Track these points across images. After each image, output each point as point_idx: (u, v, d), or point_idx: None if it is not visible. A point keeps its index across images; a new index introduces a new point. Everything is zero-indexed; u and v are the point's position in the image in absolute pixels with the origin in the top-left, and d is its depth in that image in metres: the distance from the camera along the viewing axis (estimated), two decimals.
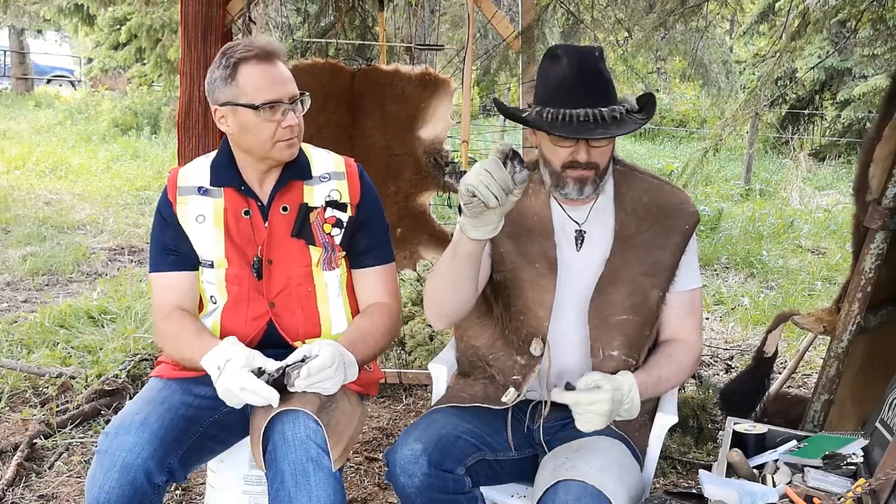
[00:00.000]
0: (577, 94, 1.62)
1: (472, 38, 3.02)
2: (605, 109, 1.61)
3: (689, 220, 1.78)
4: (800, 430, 2.08)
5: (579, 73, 1.63)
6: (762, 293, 5.19)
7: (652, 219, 1.76)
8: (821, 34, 3.69)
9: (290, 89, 1.70)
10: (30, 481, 2.50)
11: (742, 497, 1.53)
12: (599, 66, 1.65)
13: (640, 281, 1.74)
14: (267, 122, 1.68)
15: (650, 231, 1.75)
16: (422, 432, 1.63)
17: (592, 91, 1.63)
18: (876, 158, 2.31)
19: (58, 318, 3.85)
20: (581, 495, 1.48)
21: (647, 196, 1.78)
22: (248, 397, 1.60)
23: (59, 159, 8.75)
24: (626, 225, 1.76)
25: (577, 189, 1.69)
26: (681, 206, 1.78)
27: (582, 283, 1.75)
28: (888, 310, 2.45)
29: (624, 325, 1.73)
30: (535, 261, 1.76)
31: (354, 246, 1.85)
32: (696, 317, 1.83)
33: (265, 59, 1.67)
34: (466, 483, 1.63)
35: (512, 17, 5.01)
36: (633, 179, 1.80)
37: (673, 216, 1.77)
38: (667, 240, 1.75)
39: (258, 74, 1.66)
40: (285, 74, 1.71)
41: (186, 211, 1.79)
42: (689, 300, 1.81)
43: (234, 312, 1.80)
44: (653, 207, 1.77)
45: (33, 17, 13.78)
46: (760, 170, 10.05)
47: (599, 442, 1.67)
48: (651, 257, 1.74)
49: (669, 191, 1.81)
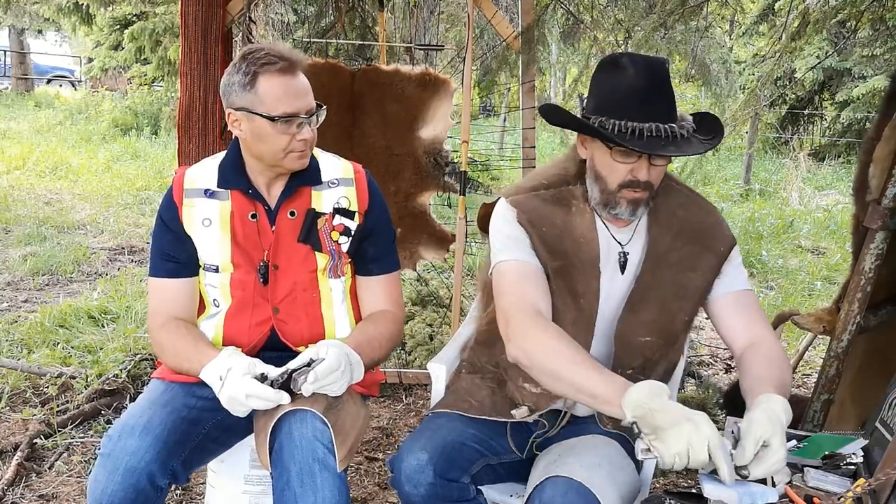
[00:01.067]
0: (648, 106, 1.51)
1: (471, 39, 3.02)
2: (675, 126, 1.52)
3: (724, 244, 1.70)
4: (800, 430, 2.08)
5: (650, 84, 1.53)
6: (762, 293, 5.19)
7: (686, 237, 1.68)
8: (820, 34, 3.69)
9: (307, 102, 1.68)
10: (30, 481, 2.50)
11: (742, 497, 1.53)
12: (669, 79, 1.55)
13: (669, 302, 1.67)
14: (282, 135, 1.66)
15: (683, 250, 1.68)
16: (427, 440, 1.60)
17: (663, 105, 1.53)
18: (875, 158, 2.31)
19: (58, 318, 3.85)
20: (567, 491, 1.46)
21: (682, 210, 1.70)
22: (254, 403, 1.59)
23: (60, 159, 8.75)
24: (659, 241, 1.68)
25: (630, 210, 1.60)
26: (715, 226, 1.71)
27: (614, 304, 1.69)
28: (888, 310, 2.46)
29: (646, 346, 1.68)
30: (580, 296, 1.66)
31: (361, 254, 1.84)
32: (764, 318, 1.71)
33: (287, 71, 1.65)
34: (471, 491, 1.62)
35: (511, 18, 5.02)
36: (669, 190, 1.71)
37: (707, 237, 1.69)
38: (699, 261, 1.68)
39: (278, 85, 1.64)
40: (305, 87, 1.68)
41: (192, 214, 1.77)
42: (746, 299, 1.70)
43: (237, 317, 1.80)
44: (687, 224, 1.69)
45: (33, 17, 13.78)
46: (760, 170, 10.06)
47: (593, 441, 1.66)
48: (682, 279, 1.67)
49: (704, 207, 1.73)
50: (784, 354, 1.66)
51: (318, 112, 1.72)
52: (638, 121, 1.50)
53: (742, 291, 1.71)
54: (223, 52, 2.96)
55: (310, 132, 1.69)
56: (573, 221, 1.67)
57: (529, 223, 1.66)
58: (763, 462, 1.38)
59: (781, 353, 1.65)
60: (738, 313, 1.69)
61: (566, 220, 1.67)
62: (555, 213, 1.68)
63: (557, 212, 1.68)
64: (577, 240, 1.67)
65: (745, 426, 1.40)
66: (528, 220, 1.67)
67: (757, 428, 1.38)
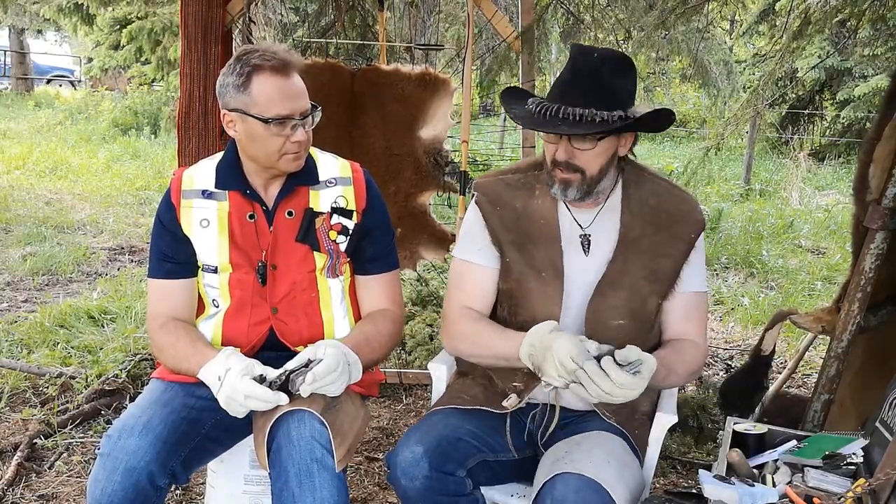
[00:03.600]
0: (568, 92, 1.62)
1: (471, 38, 3.02)
2: (586, 111, 1.58)
3: (694, 229, 1.75)
4: (800, 430, 2.08)
5: (573, 71, 1.63)
6: (762, 293, 5.19)
7: (657, 223, 1.74)
8: (821, 34, 3.69)
9: (302, 104, 1.67)
10: (30, 481, 2.50)
11: (742, 497, 1.53)
12: (600, 70, 1.61)
13: (640, 286, 1.72)
14: (276, 136, 1.66)
15: (655, 237, 1.73)
16: (423, 435, 1.62)
17: (578, 91, 1.61)
18: (876, 158, 2.31)
19: (58, 318, 3.85)
20: (580, 488, 1.47)
21: (654, 199, 1.76)
22: (253, 404, 1.59)
23: (59, 159, 8.75)
24: (631, 227, 1.74)
25: (562, 190, 1.68)
26: (688, 213, 1.76)
27: (585, 286, 1.73)
28: (888, 310, 2.45)
29: (619, 330, 1.71)
30: (541, 269, 1.74)
31: (360, 253, 1.84)
32: (700, 321, 1.79)
33: (281, 72, 1.63)
34: (467, 485, 1.63)
35: (511, 18, 5.01)
36: (643, 180, 1.78)
37: (679, 223, 1.74)
38: (671, 248, 1.73)
39: (272, 87, 1.63)
40: (299, 88, 1.67)
41: (190, 215, 1.77)
42: (693, 302, 1.77)
43: (236, 317, 1.79)
44: (660, 212, 1.74)
45: (33, 17, 13.78)
46: (760, 170, 10.05)
47: (599, 437, 1.67)
48: (653, 264, 1.72)
49: (678, 195, 1.78)
50: (697, 361, 1.76)
51: (314, 113, 1.72)
52: (561, 103, 1.61)
53: (696, 294, 1.77)
54: (223, 52, 2.96)
55: (304, 134, 1.68)
56: (533, 204, 1.77)
57: (488, 203, 1.79)
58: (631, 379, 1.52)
59: (694, 357, 1.75)
60: (679, 314, 1.77)
61: (527, 203, 1.77)
62: (516, 197, 1.78)
63: (520, 195, 1.78)
64: (538, 221, 1.76)
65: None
66: (487, 201, 1.80)
67: (636, 349, 1.57)
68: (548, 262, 1.74)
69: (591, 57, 1.63)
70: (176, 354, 1.73)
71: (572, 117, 1.59)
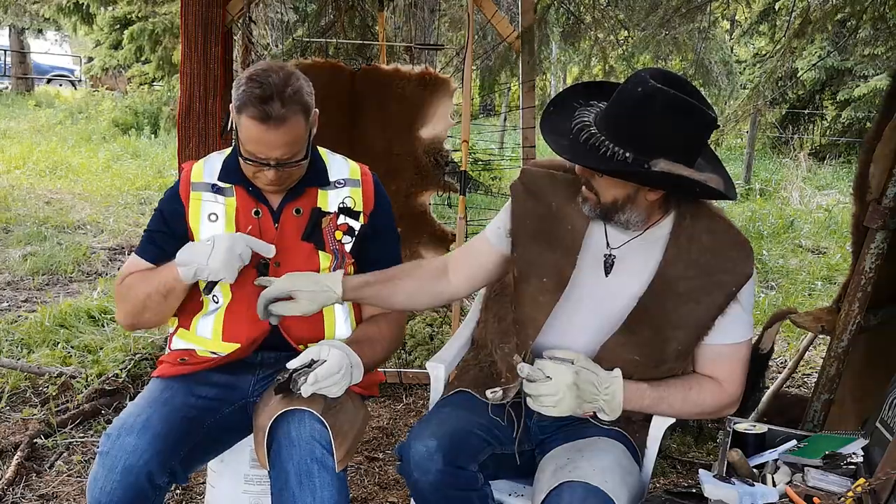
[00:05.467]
0: (602, 121, 1.52)
1: (471, 38, 3.02)
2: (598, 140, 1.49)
3: (737, 281, 1.60)
4: (800, 430, 2.08)
5: (619, 92, 1.51)
6: (762, 293, 5.19)
7: (701, 266, 1.60)
8: (821, 34, 3.69)
9: (277, 153, 1.64)
10: (30, 481, 2.50)
11: (742, 497, 1.53)
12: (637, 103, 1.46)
13: (665, 330, 1.62)
14: (249, 166, 1.69)
15: (694, 281, 1.60)
16: (437, 428, 1.61)
17: (610, 119, 1.51)
18: (876, 158, 2.31)
19: (58, 318, 3.84)
20: (586, 497, 1.48)
21: (707, 237, 1.61)
22: (255, 245, 1.65)
23: (60, 159, 8.75)
24: (672, 263, 1.61)
25: (581, 202, 1.62)
26: (736, 261, 1.61)
27: (599, 310, 1.66)
28: (888, 310, 2.46)
29: (630, 364, 1.64)
30: (544, 274, 1.67)
31: (364, 255, 1.84)
32: (736, 366, 1.66)
33: (263, 122, 1.60)
34: (479, 479, 1.62)
35: (512, 18, 5.02)
36: (700, 215, 1.63)
37: (725, 273, 1.60)
38: (707, 296, 1.61)
39: (253, 130, 1.61)
40: (281, 139, 1.62)
41: (199, 208, 1.78)
42: (729, 353, 1.65)
43: (237, 312, 1.79)
44: (708, 253, 1.60)
45: (34, 17, 13.77)
46: (760, 169, 10.05)
47: (600, 443, 1.66)
48: (684, 309, 1.61)
49: (732, 239, 1.63)
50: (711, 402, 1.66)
51: (292, 162, 1.68)
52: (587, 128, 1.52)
53: (734, 346, 1.65)
54: (223, 52, 2.96)
55: (271, 177, 1.68)
56: (569, 208, 1.67)
57: (524, 189, 1.72)
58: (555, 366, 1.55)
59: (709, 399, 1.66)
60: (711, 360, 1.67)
61: (564, 205, 1.67)
62: (557, 194, 1.69)
63: (561, 194, 1.68)
64: (566, 226, 1.67)
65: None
66: (523, 189, 1.73)
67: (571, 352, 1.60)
68: (555, 270, 1.66)
69: (637, 89, 1.47)
70: (140, 284, 1.73)
71: (583, 140, 1.51)
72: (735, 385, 1.67)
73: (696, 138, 1.52)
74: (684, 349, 1.64)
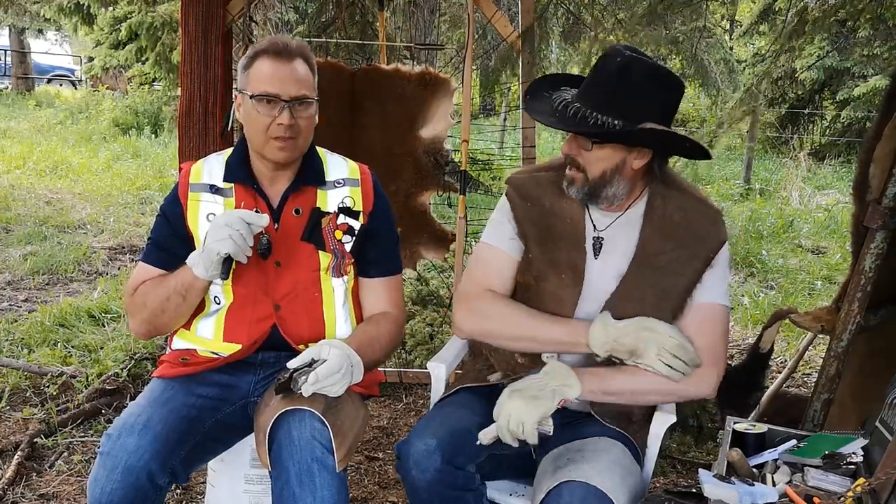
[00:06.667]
0: (583, 92, 1.63)
1: (472, 38, 3.02)
2: (587, 110, 1.58)
3: (713, 247, 1.69)
4: (800, 430, 2.08)
5: (595, 68, 1.64)
6: (762, 293, 5.19)
7: (678, 240, 1.69)
8: (820, 34, 3.69)
9: (294, 89, 1.69)
10: (30, 480, 2.50)
11: (742, 496, 1.53)
12: (617, 74, 1.58)
13: (652, 304, 1.68)
14: (262, 116, 1.69)
15: (673, 253, 1.68)
16: (436, 427, 1.62)
17: (592, 91, 1.61)
18: (876, 158, 2.31)
19: (58, 318, 3.85)
20: (585, 496, 1.48)
21: (679, 214, 1.70)
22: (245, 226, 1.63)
23: (60, 159, 8.75)
24: (649, 241, 1.70)
25: (567, 186, 1.69)
26: (710, 230, 1.70)
27: (595, 293, 1.72)
28: (888, 309, 2.46)
29: None
30: (561, 271, 1.72)
31: (364, 255, 1.85)
32: (710, 335, 1.69)
33: (278, 56, 1.69)
34: (476, 479, 1.63)
35: (512, 18, 5.02)
36: (671, 195, 1.72)
37: (699, 243, 1.69)
38: (688, 267, 1.68)
39: (267, 67, 1.69)
40: (295, 74, 1.70)
41: (197, 208, 1.78)
42: (705, 313, 1.69)
43: (238, 313, 1.79)
44: (682, 228, 1.69)
45: (34, 17, 13.77)
46: (760, 169, 10.05)
47: (600, 442, 1.67)
48: (667, 281, 1.68)
49: (704, 212, 1.72)
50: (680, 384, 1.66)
51: (307, 101, 1.72)
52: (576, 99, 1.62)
53: (710, 305, 1.69)
54: (223, 51, 2.96)
55: (288, 118, 1.69)
56: (562, 203, 1.75)
57: (518, 196, 1.79)
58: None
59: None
60: (694, 329, 1.68)
61: (556, 201, 1.75)
62: (546, 194, 1.77)
63: (550, 192, 1.77)
64: (565, 220, 1.75)
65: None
66: (517, 195, 1.79)
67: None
68: (569, 265, 1.72)
69: (614, 60, 1.59)
70: (156, 289, 1.74)
71: (570, 114, 1.60)
72: (715, 355, 1.68)
73: (672, 104, 1.64)
74: (672, 318, 1.68)
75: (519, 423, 1.54)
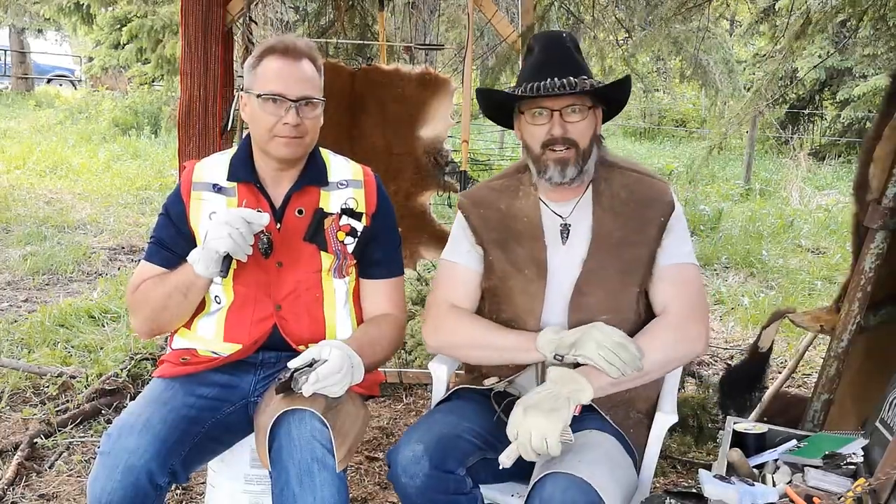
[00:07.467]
0: (545, 69, 1.69)
1: (471, 38, 3.02)
2: (574, 79, 1.66)
3: (664, 212, 1.74)
4: (800, 430, 2.08)
5: (546, 51, 1.72)
6: (762, 293, 5.19)
7: (627, 214, 1.74)
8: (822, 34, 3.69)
9: (300, 89, 1.70)
10: (30, 480, 2.50)
11: (742, 497, 1.53)
12: (567, 46, 1.72)
13: (616, 280, 1.73)
14: (269, 115, 1.69)
15: (626, 227, 1.74)
16: (424, 433, 1.63)
17: (559, 64, 1.69)
18: (876, 158, 2.31)
19: (58, 318, 3.85)
20: (568, 487, 1.48)
21: (625, 191, 1.77)
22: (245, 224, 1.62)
23: (60, 159, 8.75)
24: (602, 222, 1.75)
25: (559, 171, 1.70)
26: (657, 198, 1.75)
27: (565, 281, 1.75)
28: (888, 309, 2.45)
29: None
30: (524, 267, 1.77)
31: (366, 256, 1.85)
32: (687, 295, 1.71)
33: (286, 55, 1.70)
34: (467, 483, 1.63)
35: (512, 18, 5.02)
36: (613, 174, 1.79)
37: (648, 209, 1.74)
38: (643, 235, 1.73)
39: (274, 66, 1.70)
40: (302, 74, 1.71)
41: (200, 207, 1.78)
42: (675, 275, 1.73)
43: (239, 313, 1.79)
44: (630, 202, 1.75)
45: (34, 17, 13.78)
46: (760, 169, 10.05)
47: (592, 436, 1.67)
48: (627, 255, 1.73)
49: (648, 183, 1.78)
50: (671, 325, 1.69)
51: (313, 101, 1.72)
52: (535, 80, 1.69)
53: (678, 266, 1.74)
54: (223, 51, 2.96)
55: (295, 118, 1.69)
56: (517, 204, 1.81)
57: (471, 204, 1.86)
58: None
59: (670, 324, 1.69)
60: (667, 292, 1.73)
61: (511, 203, 1.82)
62: (500, 199, 1.84)
63: (503, 197, 1.84)
64: (521, 219, 1.80)
65: None
66: (469, 203, 1.87)
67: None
68: (531, 260, 1.76)
69: (560, 36, 1.75)
70: (157, 287, 1.74)
71: (560, 87, 1.66)
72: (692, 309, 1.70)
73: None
74: (642, 288, 1.74)
75: (542, 438, 1.53)
